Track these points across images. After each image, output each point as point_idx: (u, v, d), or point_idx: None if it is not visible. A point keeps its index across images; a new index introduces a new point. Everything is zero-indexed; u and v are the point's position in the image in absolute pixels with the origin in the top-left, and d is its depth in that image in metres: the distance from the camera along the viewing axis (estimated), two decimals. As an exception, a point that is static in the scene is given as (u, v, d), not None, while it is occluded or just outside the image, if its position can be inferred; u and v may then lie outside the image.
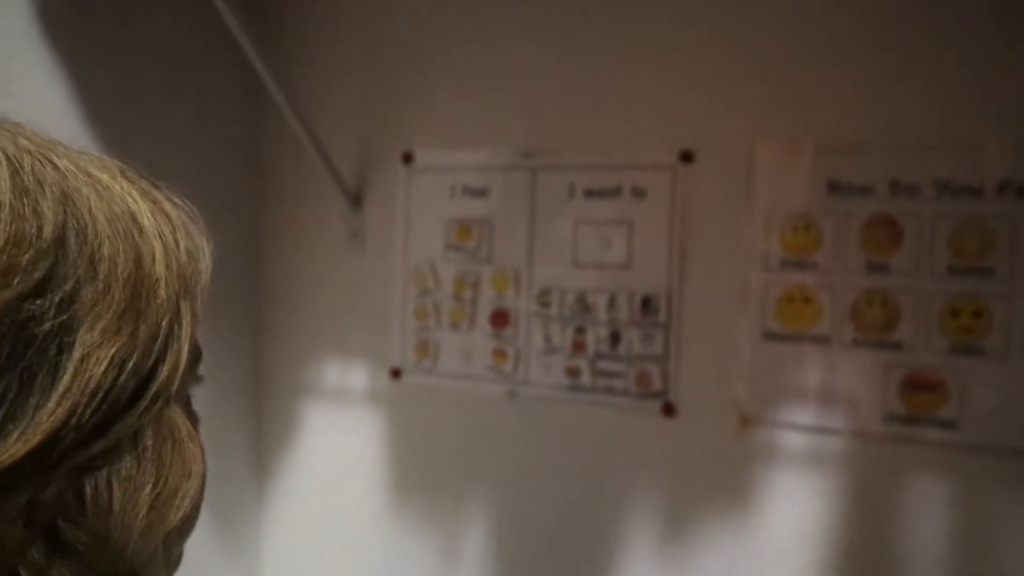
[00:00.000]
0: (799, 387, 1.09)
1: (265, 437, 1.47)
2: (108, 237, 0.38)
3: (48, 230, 0.35)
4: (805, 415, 1.08)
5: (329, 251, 1.37)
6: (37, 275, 0.34)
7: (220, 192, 1.37)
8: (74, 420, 0.35)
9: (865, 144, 1.04)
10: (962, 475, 1.02)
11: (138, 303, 0.38)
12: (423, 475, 1.34)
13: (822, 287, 1.07)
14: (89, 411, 0.35)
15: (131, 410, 0.37)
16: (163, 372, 0.39)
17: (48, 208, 0.36)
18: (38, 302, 0.34)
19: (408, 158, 1.30)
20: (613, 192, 1.17)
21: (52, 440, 0.34)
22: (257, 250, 1.43)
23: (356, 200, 1.33)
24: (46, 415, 0.34)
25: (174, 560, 0.47)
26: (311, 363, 1.41)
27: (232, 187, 1.38)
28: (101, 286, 0.37)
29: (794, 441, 1.09)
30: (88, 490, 0.36)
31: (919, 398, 1.03)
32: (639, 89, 1.16)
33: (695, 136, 1.13)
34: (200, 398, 0.47)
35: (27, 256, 0.34)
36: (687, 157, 1.13)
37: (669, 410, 1.15)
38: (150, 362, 0.38)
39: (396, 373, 1.34)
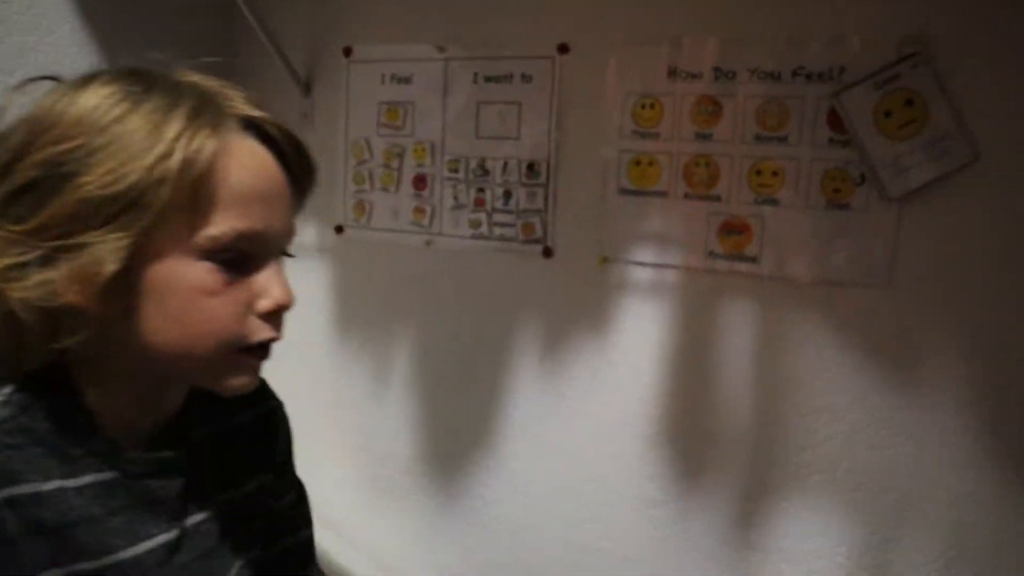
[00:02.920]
0: (645, 232, 1.38)
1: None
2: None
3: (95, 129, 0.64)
4: (649, 254, 1.39)
5: (285, 130, 1.67)
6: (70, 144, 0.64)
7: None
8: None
9: (696, 40, 1.32)
10: (761, 298, 1.33)
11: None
12: (361, 312, 1.66)
13: (662, 153, 1.36)
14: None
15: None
16: None
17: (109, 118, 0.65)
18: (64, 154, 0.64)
19: (348, 52, 1.59)
20: (506, 78, 1.45)
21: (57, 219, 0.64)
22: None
23: (307, 88, 1.62)
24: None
25: None
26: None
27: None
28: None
29: (641, 274, 1.40)
30: None
31: (731, 239, 1.33)
32: (527, -6, 1.44)
33: (570, 33, 1.41)
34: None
35: (72, 131, 0.64)
36: (564, 49, 1.41)
37: (548, 253, 1.46)
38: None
39: (339, 229, 1.65)
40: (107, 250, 0.63)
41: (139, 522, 0.73)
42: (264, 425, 0.89)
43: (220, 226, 0.66)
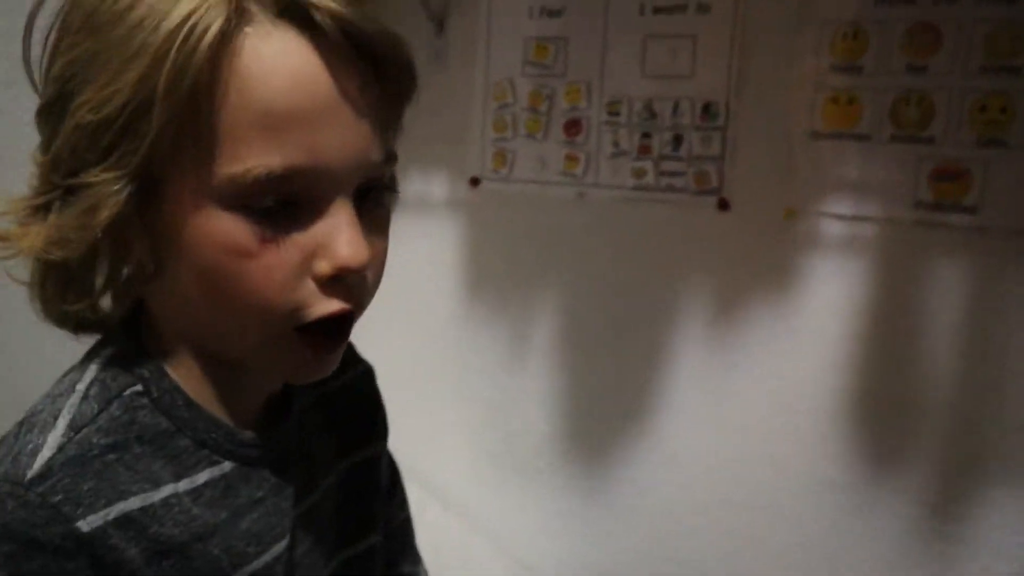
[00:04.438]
0: (840, 180, 1.23)
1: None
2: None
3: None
4: (844, 205, 1.23)
5: (414, 71, 1.52)
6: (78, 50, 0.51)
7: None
8: None
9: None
10: (979, 254, 1.17)
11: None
12: (497, 273, 1.52)
13: (865, 89, 1.21)
14: None
15: None
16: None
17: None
18: None
19: (490, -17, 1.44)
20: (680, 8, 1.30)
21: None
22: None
23: (440, 25, 1.48)
24: None
25: None
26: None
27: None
28: None
29: (833, 229, 1.24)
30: None
31: (945, 186, 1.18)
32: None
33: (757, -46, 1.26)
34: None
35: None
36: (750, -26, 1.26)
37: (724, 205, 1.31)
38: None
39: (475, 182, 1.50)
40: (103, 194, 0.49)
41: (268, 520, 0.61)
42: (366, 387, 0.79)
43: (244, 161, 0.49)
